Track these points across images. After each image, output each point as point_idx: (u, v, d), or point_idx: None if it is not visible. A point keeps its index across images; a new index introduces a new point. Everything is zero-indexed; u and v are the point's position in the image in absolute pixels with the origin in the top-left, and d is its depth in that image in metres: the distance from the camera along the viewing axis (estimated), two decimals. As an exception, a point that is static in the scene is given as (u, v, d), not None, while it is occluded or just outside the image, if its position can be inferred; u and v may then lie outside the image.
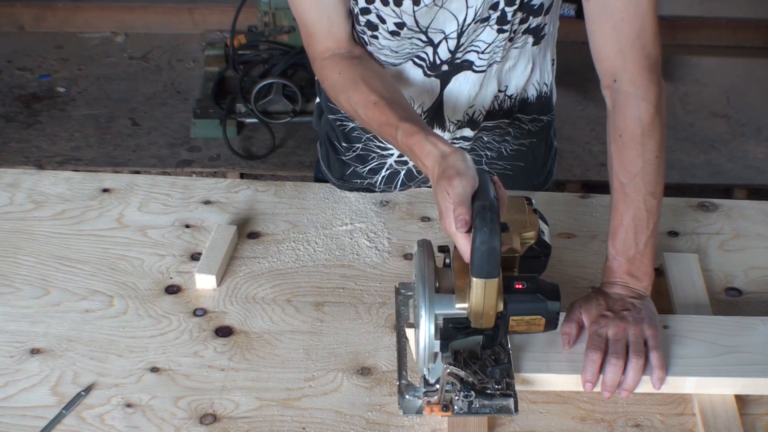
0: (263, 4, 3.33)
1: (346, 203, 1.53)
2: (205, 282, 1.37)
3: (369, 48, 1.38)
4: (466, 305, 1.08)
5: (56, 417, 1.17)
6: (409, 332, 1.19)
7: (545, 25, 1.39)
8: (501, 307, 1.08)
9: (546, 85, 1.51)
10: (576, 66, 3.61)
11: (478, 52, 1.37)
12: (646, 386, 1.19)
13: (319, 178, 1.67)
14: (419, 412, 1.15)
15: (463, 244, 1.06)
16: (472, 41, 1.35)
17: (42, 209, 1.52)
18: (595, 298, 1.25)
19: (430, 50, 1.37)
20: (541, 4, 1.33)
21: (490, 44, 1.36)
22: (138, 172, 2.99)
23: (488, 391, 1.14)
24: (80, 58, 3.71)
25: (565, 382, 1.20)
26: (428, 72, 1.41)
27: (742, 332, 1.24)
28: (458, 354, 1.14)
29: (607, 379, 1.17)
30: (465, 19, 1.31)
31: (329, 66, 1.35)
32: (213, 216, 1.50)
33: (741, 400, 1.20)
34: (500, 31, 1.34)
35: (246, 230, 1.48)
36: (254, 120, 3.21)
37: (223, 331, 1.30)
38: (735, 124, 3.40)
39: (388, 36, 1.33)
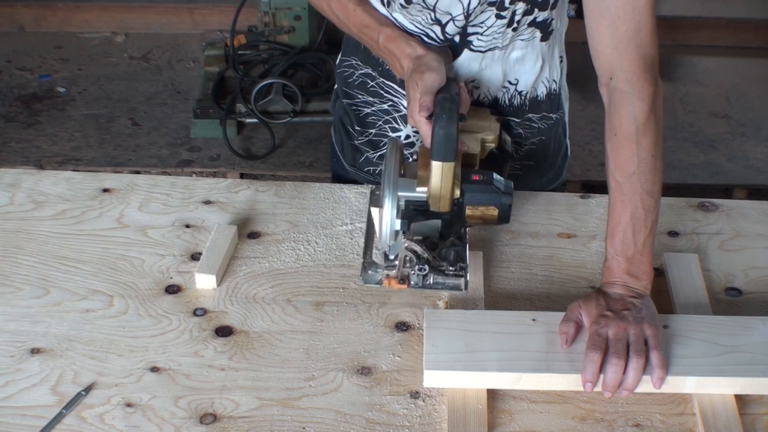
0: (263, 4, 3.33)
1: (346, 203, 1.54)
2: (205, 282, 1.37)
3: (385, 9, 1.41)
4: (425, 189, 1.21)
5: (56, 417, 1.17)
6: (375, 212, 1.29)
7: (552, 20, 1.39)
8: (458, 193, 1.20)
9: (555, 82, 1.51)
10: (576, 66, 3.61)
11: (478, 33, 1.38)
12: (646, 386, 1.19)
13: (334, 165, 1.70)
14: (379, 283, 1.28)
15: (425, 130, 1.20)
16: (479, 22, 1.37)
17: (42, 209, 1.52)
18: (595, 298, 1.25)
19: (437, 29, 1.38)
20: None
21: (489, 27, 1.37)
22: (138, 172, 2.99)
23: (443, 270, 1.27)
24: (80, 58, 3.71)
25: (565, 382, 1.20)
26: (439, 44, 1.42)
27: (742, 332, 1.25)
28: (420, 242, 1.26)
29: (608, 379, 1.17)
30: (470, 3, 1.33)
31: None
32: (213, 216, 1.50)
33: (741, 400, 1.20)
34: (498, 16, 1.35)
35: (246, 230, 1.48)
36: (254, 120, 3.21)
37: (223, 331, 1.30)
38: (735, 124, 3.40)
39: (399, 8, 1.37)
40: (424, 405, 1.20)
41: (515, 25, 1.37)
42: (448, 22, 1.37)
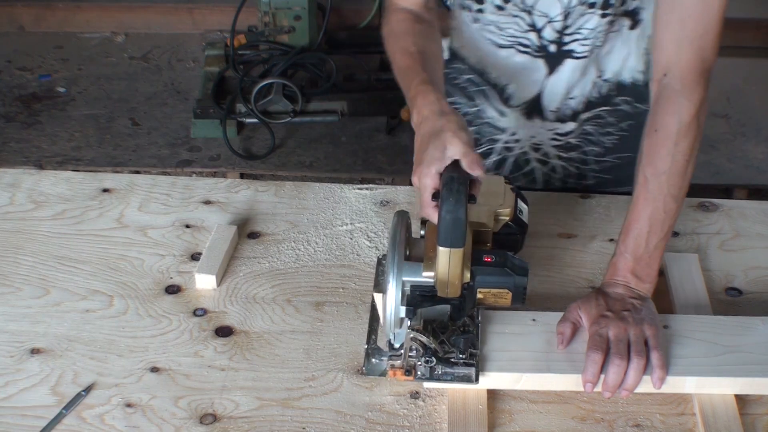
0: (263, 4, 3.33)
1: (346, 203, 1.54)
2: (205, 282, 1.37)
3: (475, 25, 1.40)
4: (432, 273, 1.11)
5: (56, 417, 1.17)
6: (377, 297, 1.20)
7: (642, 9, 1.39)
8: (468, 277, 1.11)
9: (641, 73, 1.51)
10: (576, 66, 3.60)
11: (579, 39, 1.39)
12: (646, 386, 1.19)
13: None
14: (383, 374, 1.20)
15: (431, 214, 1.11)
16: (577, 28, 1.37)
17: (42, 209, 1.52)
18: (594, 299, 1.25)
19: (533, 36, 1.39)
20: None
21: (592, 30, 1.38)
22: (138, 172, 2.99)
23: (451, 360, 1.17)
24: (80, 58, 3.71)
25: (565, 382, 1.20)
26: (535, 54, 1.43)
27: (743, 332, 1.25)
28: (428, 324, 1.18)
29: (609, 380, 1.17)
30: (570, 2, 1.33)
31: (395, 16, 1.40)
32: (213, 216, 1.50)
33: (741, 400, 1.20)
34: (603, 15, 1.36)
35: (246, 230, 1.48)
36: (254, 120, 3.21)
37: (223, 331, 1.30)
38: (735, 124, 3.40)
39: (494, 10, 1.36)
40: (424, 405, 1.20)
41: (612, 18, 1.38)
42: (544, 26, 1.36)
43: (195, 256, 1.42)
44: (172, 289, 1.37)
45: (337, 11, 3.64)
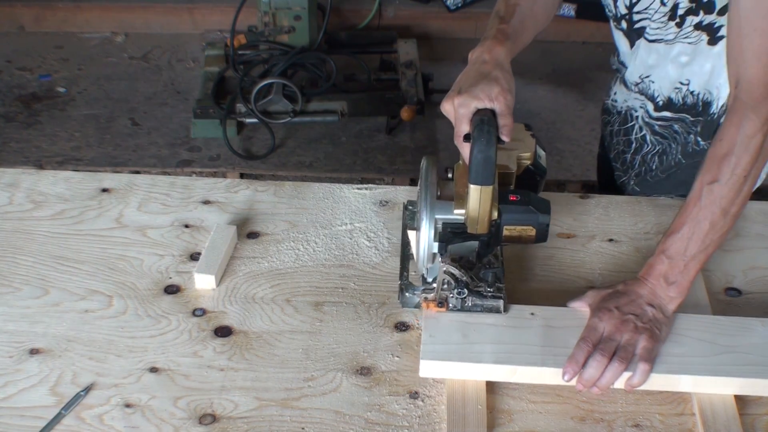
0: (263, 4, 3.33)
1: (346, 203, 1.54)
2: (204, 282, 1.36)
3: None
4: (463, 211, 1.19)
5: (55, 417, 1.17)
6: (411, 235, 1.29)
7: (722, 26, 1.39)
8: (495, 215, 1.19)
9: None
10: (576, 66, 3.60)
11: (648, 19, 1.42)
12: (645, 384, 1.19)
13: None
14: (417, 306, 1.28)
15: (465, 152, 1.17)
16: (645, 7, 1.41)
17: (41, 209, 1.52)
18: (608, 294, 1.26)
19: (610, 1, 1.44)
20: (712, 2, 1.35)
21: (655, 12, 1.40)
22: (138, 172, 2.99)
23: (481, 292, 1.25)
24: (80, 58, 3.72)
25: (560, 376, 1.20)
26: (615, 24, 1.49)
27: (741, 333, 1.25)
28: (455, 261, 1.25)
29: (585, 373, 1.18)
30: None
31: None
32: (212, 216, 1.50)
33: (741, 400, 1.20)
34: (661, 2, 1.39)
35: (245, 230, 1.48)
36: (254, 120, 3.21)
37: (223, 331, 1.30)
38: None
39: None
40: (423, 405, 1.20)
41: (678, 20, 1.39)
42: None
43: (194, 256, 1.42)
44: (172, 289, 1.37)
45: (337, 11, 3.64)
